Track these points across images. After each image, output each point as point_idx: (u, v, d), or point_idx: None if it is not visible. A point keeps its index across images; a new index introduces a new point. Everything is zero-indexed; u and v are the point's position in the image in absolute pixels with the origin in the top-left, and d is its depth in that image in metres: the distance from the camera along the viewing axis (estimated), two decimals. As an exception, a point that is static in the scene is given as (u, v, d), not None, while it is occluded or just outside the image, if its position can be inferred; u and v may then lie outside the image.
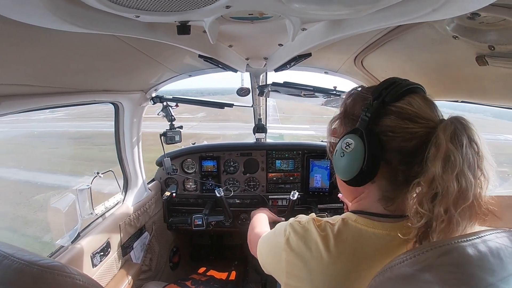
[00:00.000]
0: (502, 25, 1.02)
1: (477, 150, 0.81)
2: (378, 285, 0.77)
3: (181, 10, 0.98)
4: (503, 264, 0.66)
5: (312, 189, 3.24)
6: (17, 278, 0.84)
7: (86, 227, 2.24)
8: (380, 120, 0.91)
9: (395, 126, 0.89)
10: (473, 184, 0.79)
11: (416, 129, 0.88)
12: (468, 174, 0.79)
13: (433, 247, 0.70)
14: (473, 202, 0.80)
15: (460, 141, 0.80)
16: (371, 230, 0.92)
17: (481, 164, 0.81)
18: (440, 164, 0.81)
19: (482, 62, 1.22)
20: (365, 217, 0.96)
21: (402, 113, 0.89)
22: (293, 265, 0.96)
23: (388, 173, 0.94)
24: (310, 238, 0.95)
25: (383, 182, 0.96)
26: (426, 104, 0.91)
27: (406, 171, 0.91)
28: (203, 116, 24.36)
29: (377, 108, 0.91)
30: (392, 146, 0.90)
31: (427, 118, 0.88)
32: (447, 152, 0.80)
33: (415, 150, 0.88)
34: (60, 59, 1.37)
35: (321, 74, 2.65)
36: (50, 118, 18.84)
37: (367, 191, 1.01)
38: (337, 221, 0.97)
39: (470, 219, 0.81)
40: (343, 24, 1.25)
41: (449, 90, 1.80)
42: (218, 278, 2.90)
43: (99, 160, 12.10)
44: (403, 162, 0.91)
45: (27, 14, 0.82)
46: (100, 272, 2.19)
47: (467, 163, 0.79)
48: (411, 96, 0.91)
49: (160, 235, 3.17)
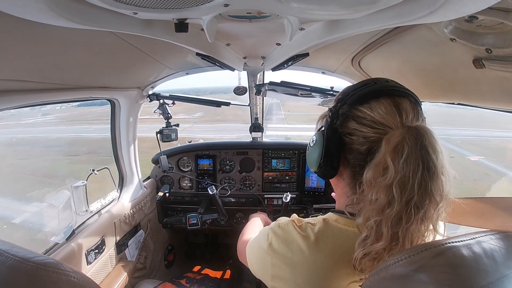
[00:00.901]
0: (500, 29, 1.02)
1: (429, 165, 0.79)
2: (373, 285, 0.77)
3: (179, 8, 0.98)
4: (497, 265, 0.67)
5: (307, 188, 3.24)
6: (11, 275, 0.83)
7: (81, 224, 2.22)
8: (346, 122, 0.95)
9: (354, 129, 0.92)
10: (404, 200, 0.78)
11: (370, 134, 0.89)
12: (400, 190, 0.78)
13: (428, 247, 0.71)
14: (401, 218, 0.79)
15: (401, 153, 0.79)
16: (351, 229, 0.94)
17: (427, 181, 0.78)
18: (373, 172, 0.83)
19: (479, 65, 1.23)
20: (345, 216, 0.97)
21: (361, 117, 0.91)
22: (277, 268, 0.98)
23: (350, 172, 0.98)
24: (291, 239, 0.97)
25: (349, 180, 1.00)
26: (390, 109, 0.89)
27: (360, 173, 0.92)
28: (200, 116, 23.37)
29: (341, 109, 0.96)
30: (351, 147, 0.94)
31: (384, 124, 0.87)
32: (382, 163, 0.81)
33: (367, 154, 0.90)
34: (57, 55, 1.36)
35: (319, 74, 2.65)
36: (40, 122, 18.19)
37: (341, 186, 1.06)
38: (318, 221, 0.99)
39: (400, 231, 0.80)
40: (341, 25, 1.25)
41: (446, 92, 1.80)
42: (213, 277, 2.90)
43: (61, 177, 10.89)
44: (358, 164, 0.94)
45: (24, 9, 0.81)
46: (94, 270, 2.18)
47: (401, 179, 0.78)
48: (378, 99, 0.90)
49: (155, 233, 3.16)
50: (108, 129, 2.60)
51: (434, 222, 0.82)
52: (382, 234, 0.80)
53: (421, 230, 0.82)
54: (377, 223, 0.81)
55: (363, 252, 0.83)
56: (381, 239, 0.80)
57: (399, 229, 0.79)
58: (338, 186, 1.08)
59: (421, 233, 0.82)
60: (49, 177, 11.28)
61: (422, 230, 0.82)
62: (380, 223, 0.80)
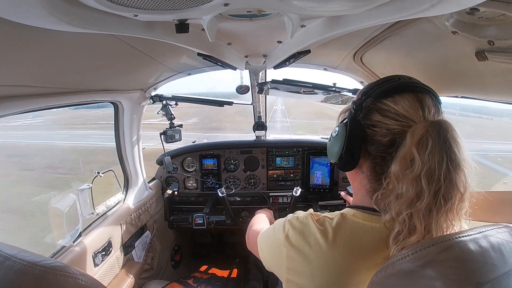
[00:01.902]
0: (501, 20, 1.01)
1: (452, 157, 0.81)
2: (380, 281, 0.77)
3: (179, 9, 0.98)
4: (504, 259, 0.67)
5: (312, 186, 3.23)
6: (19, 279, 0.84)
7: (87, 226, 2.24)
8: (370, 115, 0.97)
9: (378, 121, 0.94)
10: (432, 191, 0.80)
11: (393, 126, 0.91)
12: (427, 181, 0.80)
13: (434, 242, 0.70)
14: (431, 209, 0.81)
15: (426, 145, 0.81)
16: (369, 224, 0.94)
17: (452, 172, 0.81)
18: (400, 165, 0.84)
19: (481, 57, 1.22)
20: (363, 211, 0.98)
21: (385, 110, 0.93)
22: (293, 261, 0.98)
23: (370, 164, 0.99)
24: (309, 232, 0.97)
25: (368, 173, 1.01)
26: (414, 104, 0.91)
27: (381, 165, 0.95)
28: (194, 123, 21.66)
29: (364, 102, 0.98)
30: (373, 139, 0.95)
31: (407, 117, 0.90)
32: (408, 155, 0.83)
33: (389, 145, 0.92)
34: (59, 59, 1.37)
35: (321, 70, 2.64)
36: (27, 124, 17.44)
37: (359, 179, 1.06)
38: (335, 216, 0.99)
39: (432, 223, 0.82)
40: (342, 20, 1.25)
41: (449, 86, 1.79)
42: (220, 276, 2.90)
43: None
44: (379, 155, 0.95)
45: (24, 15, 0.81)
46: (102, 272, 2.19)
47: (428, 170, 0.80)
48: (402, 94, 0.93)
49: (162, 233, 3.18)
50: (89, 136, 2.57)
51: (459, 212, 0.84)
52: (416, 227, 0.81)
53: (450, 220, 0.83)
54: (409, 217, 0.82)
55: (398, 247, 0.83)
56: (414, 232, 0.81)
57: (431, 220, 0.81)
58: (356, 179, 1.09)
59: (450, 223, 0.84)
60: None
61: (450, 220, 0.83)
62: (411, 216, 0.81)
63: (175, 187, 3.09)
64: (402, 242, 0.82)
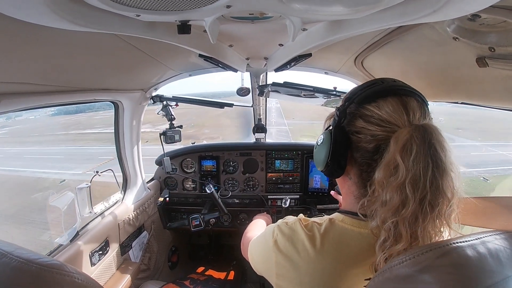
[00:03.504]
0: (503, 27, 1.02)
1: (437, 163, 0.79)
2: (377, 285, 0.77)
3: (181, 10, 0.98)
4: (502, 265, 0.67)
5: (311, 189, 3.23)
6: (15, 276, 0.84)
7: (85, 225, 2.24)
8: (353, 121, 0.95)
9: (362, 128, 0.93)
10: (417, 198, 0.78)
11: (377, 132, 0.89)
12: (412, 188, 0.79)
13: (432, 248, 0.70)
14: (418, 217, 0.80)
15: (410, 151, 0.79)
16: (357, 230, 0.94)
17: (438, 178, 0.79)
18: (384, 172, 0.83)
19: (482, 64, 1.22)
20: (351, 217, 0.97)
21: (368, 116, 0.92)
22: (282, 266, 0.98)
23: (357, 170, 0.98)
24: (297, 238, 0.97)
25: (355, 179, 1.00)
26: (398, 108, 0.89)
27: (367, 171, 0.94)
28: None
29: (348, 108, 0.97)
30: (358, 146, 0.94)
31: (391, 123, 0.88)
32: (392, 161, 0.82)
33: (374, 152, 0.91)
34: (61, 57, 1.37)
35: (321, 74, 2.65)
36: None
37: (347, 185, 1.06)
38: (324, 221, 0.99)
39: (418, 230, 0.81)
40: (344, 25, 1.25)
41: (449, 92, 1.80)
42: (217, 278, 2.90)
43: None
44: (365, 162, 0.94)
45: (27, 12, 0.82)
46: (98, 271, 2.19)
47: (412, 177, 0.78)
48: (385, 98, 0.91)
49: (159, 234, 3.17)
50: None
51: (447, 218, 0.83)
52: (401, 235, 0.80)
53: (437, 227, 0.82)
54: (394, 224, 0.81)
55: (385, 255, 0.83)
56: (400, 240, 0.81)
57: (417, 228, 0.80)
58: (344, 185, 1.08)
59: (438, 230, 0.83)
60: None
61: (438, 227, 0.83)
62: (397, 224, 0.81)
63: (166, 194, 3.11)
64: (388, 250, 0.82)
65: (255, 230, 1.74)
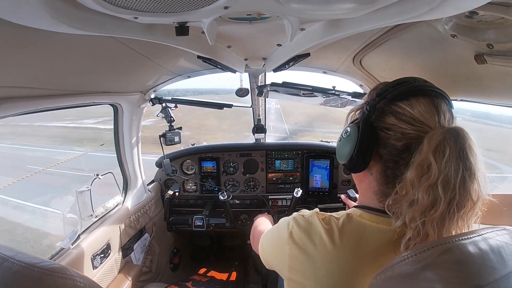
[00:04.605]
0: (500, 24, 1.02)
1: (467, 166, 0.80)
2: (380, 283, 0.77)
3: (179, 11, 0.98)
4: (504, 261, 0.67)
5: (312, 189, 3.23)
6: (17, 281, 0.84)
7: (86, 229, 2.23)
8: (383, 117, 0.95)
9: (392, 124, 0.92)
10: (447, 199, 0.79)
11: (408, 131, 0.89)
12: (443, 189, 0.79)
13: (434, 245, 0.70)
14: (445, 217, 0.80)
15: (443, 153, 0.80)
16: (375, 225, 0.93)
17: (467, 181, 0.80)
18: (416, 171, 0.83)
19: (480, 61, 1.22)
20: (370, 212, 0.97)
21: (400, 113, 0.92)
22: (296, 259, 0.97)
23: (381, 167, 0.98)
24: (314, 231, 0.96)
25: (378, 175, 1.00)
26: (430, 109, 0.90)
27: (393, 169, 0.94)
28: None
29: (378, 104, 0.96)
30: (386, 142, 0.94)
31: (423, 122, 0.88)
32: (425, 161, 0.82)
33: (402, 150, 0.91)
34: (59, 61, 1.37)
35: (320, 74, 2.65)
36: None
37: (367, 181, 1.05)
38: (342, 216, 0.98)
39: (443, 230, 0.82)
40: (342, 24, 1.25)
41: (448, 89, 1.78)
42: (219, 279, 2.90)
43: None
44: (392, 159, 0.94)
45: (24, 16, 0.82)
46: (100, 274, 2.18)
47: (444, 178, 0.79)
48: (417, 97, 0.92)
49: (160, 236, 3.17)
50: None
51: (469, 220, 0.84)
52: (428, 234, 0.81)
53: (460, 227, 0.83)
54: (422, 224, 0.81)
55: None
56: (426, 239, 0.81)
57: (443, 228, 0.81)
58: (364, 180, 1.07)
59: (460, 230, 0.84)
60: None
61: (460, 228, 0.83)
62: (424, 224, 0.81)
63: (176, 188, 3.07)
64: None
65: (265, 224, 1.74)
